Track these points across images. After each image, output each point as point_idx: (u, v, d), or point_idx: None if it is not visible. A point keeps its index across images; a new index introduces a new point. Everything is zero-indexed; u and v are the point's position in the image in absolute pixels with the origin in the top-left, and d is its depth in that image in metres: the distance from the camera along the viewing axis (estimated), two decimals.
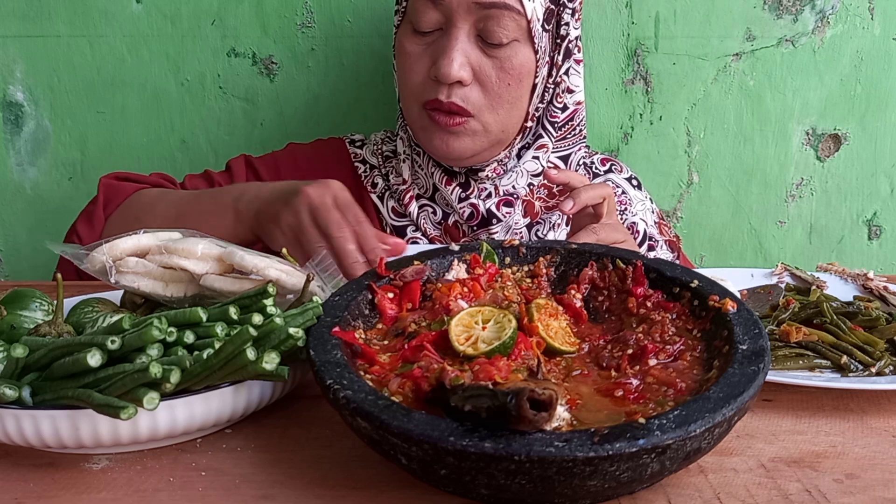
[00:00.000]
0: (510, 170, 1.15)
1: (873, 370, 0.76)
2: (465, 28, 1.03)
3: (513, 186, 1.16)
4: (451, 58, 1.02)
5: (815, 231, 1.50)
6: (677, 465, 0.53)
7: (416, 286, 0.73)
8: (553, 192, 1.19)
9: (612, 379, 0.63)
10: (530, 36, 1.06)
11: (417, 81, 1.07)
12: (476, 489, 0.53)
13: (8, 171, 1.45)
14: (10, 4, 1.38)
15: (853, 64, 1.43)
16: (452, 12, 1.03)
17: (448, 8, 1.03)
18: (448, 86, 1.04)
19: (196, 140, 1.44)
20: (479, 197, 1.14)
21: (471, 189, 1.14)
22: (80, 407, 0.58)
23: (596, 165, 1.26)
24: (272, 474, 0.60)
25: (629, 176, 1.27)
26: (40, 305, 0.74)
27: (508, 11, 1.03)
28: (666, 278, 0.73)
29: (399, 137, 1.19)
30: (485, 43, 1.04)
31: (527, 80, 1.08)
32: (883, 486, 0.58)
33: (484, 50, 1.05)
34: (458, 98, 1.05)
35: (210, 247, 0.74)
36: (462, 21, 1.03)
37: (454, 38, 1.03)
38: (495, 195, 1.15)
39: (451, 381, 0.55)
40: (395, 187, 1.19)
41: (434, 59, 1.05)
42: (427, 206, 1.17)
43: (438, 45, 1.05)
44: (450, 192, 1.14)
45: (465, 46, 1.04)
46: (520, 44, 1.06)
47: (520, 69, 1.06)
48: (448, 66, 1.02)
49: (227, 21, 1.40)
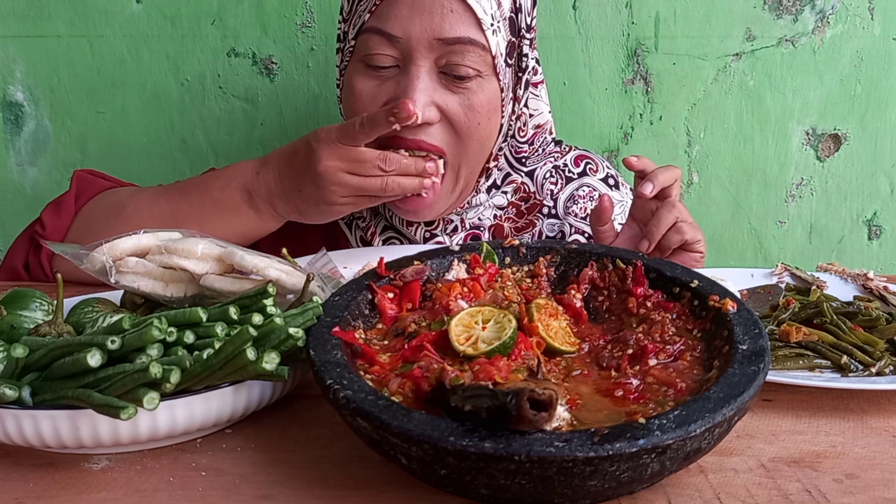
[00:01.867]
0: (476, 205, 1.09)
1: (873, 370, 0.76)
2: (427, 66, 0.95)
3: (478, 219, 1.11)
4: (414, 99, 0.93)
5: (815, 231, 1.50)
6: (677, 465, 0.53)
7: (416, 286, 0.73)
8: (521, 210, 1.12)
9: (612, 379, 0.63)
10: (495, 71, 0.98)
11: None
12: (476, 489, 0.53)
13: (8, 171, 1.45)
14: (10, 4, 1.38)
15: (853, 64, 1.43)
16: (412, 50, 0.94)
17: (407, 45, 0.94)
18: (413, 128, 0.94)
19: (196, 140, 1.44)
20: (445, 232, 1.09)
21: (435, 225, 1.09)
22: (80, 407, 0.58)
23: (569, 167, 1.16)
24: (272, 474, 0.60)
25: (605, 175, 1.17)
26: (40, 305, 0.74)
27: (473, 46, 0.94)
28: (666, 278, 0.73)
29: None
30: (448, 77, 0.96)
31: (495, 117, 1.00)
32: (883, 486, 0.58)
33: (447, 86, 0.96)
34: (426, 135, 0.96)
35: (210, 247, 0.74)
36: (422, 59, 0.94)
37: (415, 76, 0.94)
38: (462, 229, 1.10)
39: (451, 381, 0.55)
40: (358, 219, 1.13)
41: (391, 96, 0.96)
42: (393, 238, 1.11)
43: (397, 84, 0.96)
44: (413, 233, 1.09)
45: (428, 85, 0.95)
46: (483, 79, 0.97)
47: (483, 105, 0.98)
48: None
49: (227, 21, 1.40)
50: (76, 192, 1.08)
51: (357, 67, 0.99)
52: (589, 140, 1.41)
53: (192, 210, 1.00)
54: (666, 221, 0.91)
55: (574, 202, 1.14)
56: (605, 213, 0.95)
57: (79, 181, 1.09)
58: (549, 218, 1.14)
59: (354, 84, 0.98)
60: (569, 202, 1.14)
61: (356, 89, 0.98)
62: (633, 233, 0.98)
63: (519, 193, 1.13)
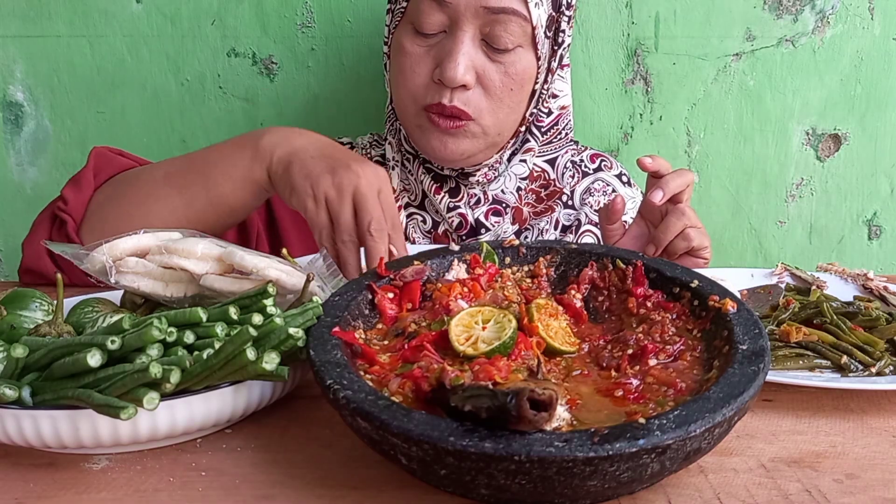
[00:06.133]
0: (500, 174, 1.15)
1: (873, 370, 0.76)
2: (471, 32, 1.02)
3: (501, 191, 1.15)
4: (457, 62, 1.01)
5: (815, 231, 1.50)
6: (677, 465, 0.53)
7: (416, 286, 0.73)
8: (541, 196, 1.19)
9: (612, 379, 0.63)
10: (534, 42, 1.05)
11: (418, 83, 1.06)
12: (476, 489, 0.53)
13: (8, 171, 1.45)
14: (10, 4, 1.38)
15: (853, 64, 1.43)
16: (459, 15, 1.01)
17: (455, 10, 1.01)
18: (451, 89, 1.03)
19: (196, 140, 1.44)
20: (469, 205, 1.14)
21: (460, 196, 1.14)
22: (80, 407, 0.58)
23: (585, 163, 1.25)
24: (272, 474, 0.60)
25: (619, 172, 1.26)
26: (40, 305, 0.74)
27: (516, 17, 1.02)
28: (666, 278, 0.73)
29: (388, 143, 1.18)
30: (489, 47, 1.03)
31: (528, 85, 1.08)
32: (883, 486, 0.58)
33: (488, 54, 1.04)
34: (460, 102, 1.03)
35: (210, 247, 0.74)
36: (468, 24, 1.02)
37: (459, 41, 1.02)
38: (484, 202, 1.15)
39: (451, 381, 0.55)
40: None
41: (437, 61, 1.04)
42: (416, 214, 1.17)
43: (442, 48, 1.04)
44: (439, 201, 1.14)
45: (470, 50, 1.02)
46: (523, 49, 1.05)
47: (522, 75, 1.06)
48: (454, 70, 1.01)
49: (227, 21, 1.40)
50: (94, 167, 1.07)
51: (407, 29, 1.07)
52: (589, 140, 1.41)
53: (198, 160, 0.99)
54: (674, 229, 0.93)
55: (590, 194, 1.22)
56: (616, 213, 0.98)
57: (97, 157, 1.08)
58: (566, 208, 1.20)
59: (404, 44, 1.06)
60: (585, 194, 1.22)
61: (406, 49, 1.06)
62: (641, 231, 1.00)
63: (539, 181, 1.19)
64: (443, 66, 1.02)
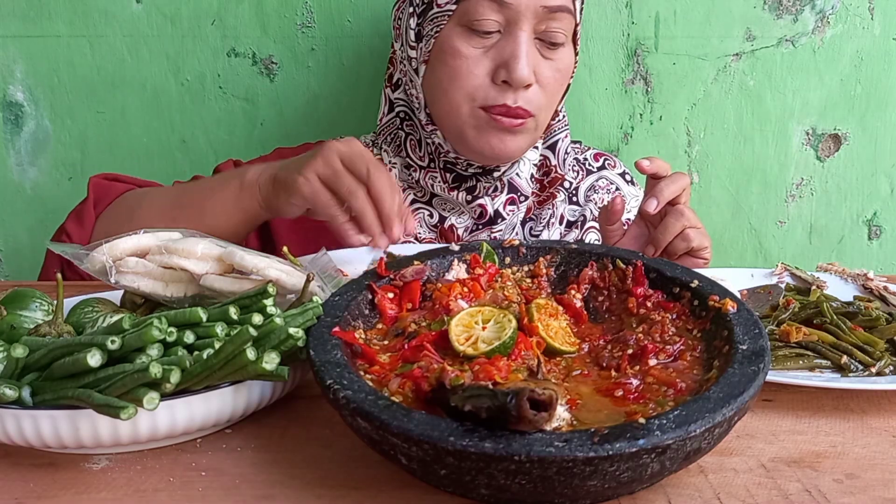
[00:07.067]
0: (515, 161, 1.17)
1: (873, 370, 0.76)
2: (528, 31, 1.03)
3: (516, 174, 1.17)
4: (523, 63, 1.02)
5: (815, 231, 1.50)
6: (677, 465, 0.53)
7: (416, 286, 0.73)
8: (543, 183, 1.20)
9: (612, 379, 0.63)
10: (575, 37, 1.09)
11: (476, 84, 1.05)
12: (476, 489, 0.53)
13: (8, 171, 1.45)
14: (10, 4, 1.38)
15: (853, 64, 1.43)
16: (519, 15, 1.02)
17: (515, 11, 1.02)
18: (515, 90, 1.04)
19: (196, 140, 1.44)
20: (487, 194, 1.15)
21: (477, 189, 1.15)
22: (80, 407, 0.58)
23: (589, 161, 1.27)
24: (272, 474, 0.60)
25: (622, 171, 1.28)
26: (40, 305, 0.74)
27: (567, 14, 1.05)
28: (666, 278, 0.73)
29: (384, 151, 1.18)
30: (543, 45, 1.05)
31: (568, 79, 1.12)
32: (883, 486, 0.58)
33: (541, 52, 1.06)
34: (524, 101, 1.04)
35: (210, 247, 0.74)
36: (526, 24, 1.03)
37: (521, 41, 1.03)
38: (501, 190, 1.16)
39: (451, 381, 0.55)
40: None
41: (496, 61, 1.04)
42: (422, 209, 1.18)
43: (502, 48, 1.04)
44: (455, 197, 1.15)
45: (531, 50, 1.04)
46: (567, 46, 1.08)
47: (567, 70, 1.10)
48: (522, 71, 1.02)
49: (227, 21, 1.40)
50: (94, 198, 1.10)
51: (458, 31, 1.05)
52: (589, 140, 1.41)
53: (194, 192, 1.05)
54: (673, 230, 0.93)
55: (594, 191, 1.24)
56: (615, 214, 0.99)
57: (95, 188, 1.12)
58: (570, 204, 1.22)
59: (458, 46, 1.05)
60: (589, 191, 1.24)
61: (461, 51, 1.04)
62: (640, 231, 1.00)
63: (542, 169, 1.21)
64: (509, 68, 1.02)
